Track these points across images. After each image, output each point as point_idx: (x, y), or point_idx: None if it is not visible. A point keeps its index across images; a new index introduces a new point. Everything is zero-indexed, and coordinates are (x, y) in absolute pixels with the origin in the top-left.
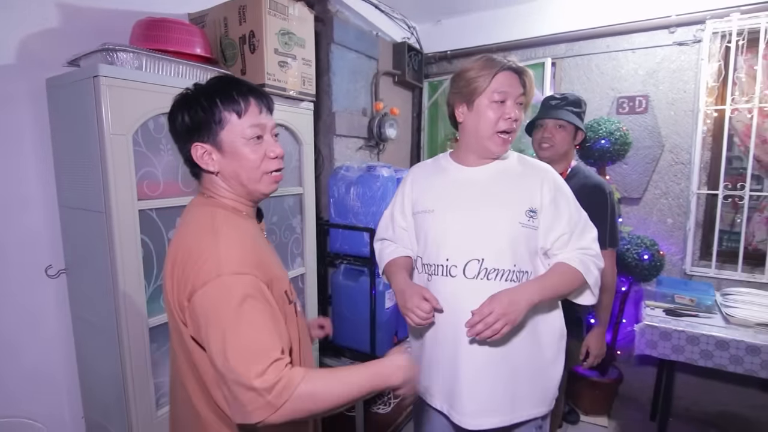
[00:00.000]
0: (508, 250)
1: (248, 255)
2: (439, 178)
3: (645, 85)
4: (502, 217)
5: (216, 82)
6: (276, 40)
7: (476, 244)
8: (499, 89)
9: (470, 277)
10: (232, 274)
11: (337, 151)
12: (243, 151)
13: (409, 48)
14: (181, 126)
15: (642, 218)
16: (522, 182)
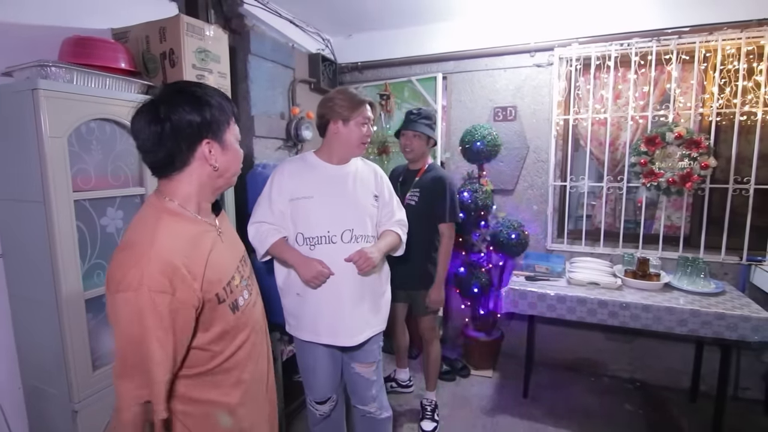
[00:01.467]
0: (368, 222)
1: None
2: (313, 173)
3: (514, 97)
4: (361, 200)
5: (217, 91)
6: (194, 56)
7: (348, 219)
8: (365, 116)
9: (346, 242)
10: (150, 291)
11: (257, 151)
12: (237, 149)
13: (324, 58)
14: (191, 124)
15: (515, 206)
16: (367, 176)
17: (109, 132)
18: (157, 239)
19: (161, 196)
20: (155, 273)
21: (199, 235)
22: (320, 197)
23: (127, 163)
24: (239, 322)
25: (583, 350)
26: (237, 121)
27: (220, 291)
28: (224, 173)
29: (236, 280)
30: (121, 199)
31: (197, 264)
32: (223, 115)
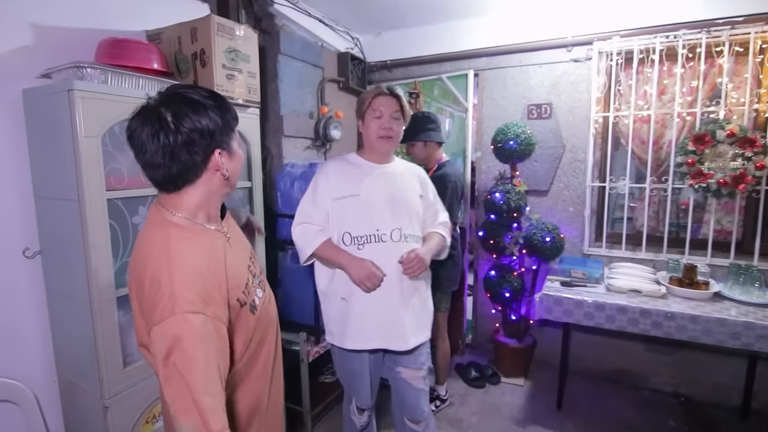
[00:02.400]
0: (415, 221)
1: (199, 284)
2: (357, 171)
3: (549, 94)
4: (409, 198)
5: (215, 95)
6: (224, 56)
7: (396, 217)
8: (376, 107)
9: (395, 241)
10: (183, 313)
11: (286, 150)
12: (240, 154)
13: (353, 57)
14: (202, 132)
15: (549, 207)
16: (411, 176)
17: None
18: (174, 261)
19: (163, 210)
20: (184, 294)
21: (211, 245)
22: (367, 194)
23: None
24: (258, 322)
25: (622, 360)
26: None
27: (240, 295)
28: (231, 179)
29: (249, 279)
30: (152, 198)
31: (218, 274)
32: (229, 125)
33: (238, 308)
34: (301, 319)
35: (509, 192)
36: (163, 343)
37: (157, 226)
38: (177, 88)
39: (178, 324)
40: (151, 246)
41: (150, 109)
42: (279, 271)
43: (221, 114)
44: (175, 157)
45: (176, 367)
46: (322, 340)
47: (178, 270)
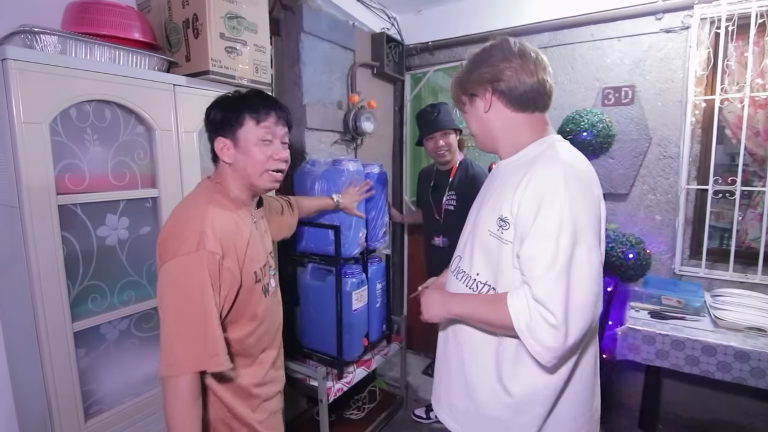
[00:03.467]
0: (476, 256)
1: (223, 235)
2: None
3: (631, 74)
4: (480, 220)
5: (251, 93)
6: (222, 24)
7: (462, 243)
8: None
9: (452, 271)
10: (208, 252)
11: (309, 145)
12: (253, 150)
13: (389, 39)
14: (212, 121)
15: (629, 215)
16: (507, 182)
17: (110, 118)
18: (210, 212)
19: (214, 180)
20: (211, 237)
21: (241, 219)
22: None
23: (135, 158)
24: (267, 304)
25: (722, 410)
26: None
27: (257, 270)
28: (242, 171)
29: (267, 266)
30: (127, 204)
31: (241, 240)
32: (234, 114)
33: (252, 282)
34: (322, 347)
35: None
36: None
37: (206, 189)
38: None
39: (201, 259)
40: (194, 198)
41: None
42: (297, 288)
43: (234, 107)
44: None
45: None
46: (345, 375)
47: (211, 219)
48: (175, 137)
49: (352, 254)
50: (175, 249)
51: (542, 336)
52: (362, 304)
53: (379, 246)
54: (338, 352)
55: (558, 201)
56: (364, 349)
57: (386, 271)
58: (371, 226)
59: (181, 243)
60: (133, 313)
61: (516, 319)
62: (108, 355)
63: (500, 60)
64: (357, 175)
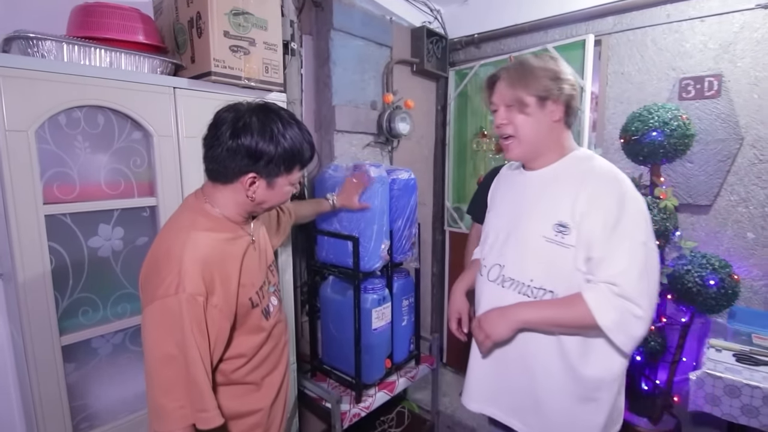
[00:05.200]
0: (528, 262)
1: (208, 267)
2: (510, 180)
3: (717, 61)
4: (530, 227)
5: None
6: (226, 21)
7: (502, 250)
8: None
9: (491, 281)
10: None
11: (339, 149)
12: (285, 191)
13: (430, 33)
14: (249, 149)
15: (712, 231)
16: (560, 189)
17: (103, 124)
18: (192, 242)
19: (202, 198)
20: (192, 276)
21: (233, 240)
22: (494, 212)
23: (131, 165)
24: (270, 328)
25: None
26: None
27: (253, 295)
28: (260, 204)
29: (266, 285)
30: (121, 213)
31: (232, 267)
32: (284, 164)
33: (249, 307)
34: (342, 365)
35: (650, 208)
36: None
37: (189, 210)
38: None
39: (182, 303)
40: (176, 222)
41: (241, 108)
42: (318, 300)
43: (279, 153)
44: (219, 155)
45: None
46: (364, 399)
47: (194, 251)
48: (175, 143)
49: (373, 268)
50: (154, 291)
51: (632, 328)
52: (384, 322)
53: (405, 259)
54: (356, 373)
55: (632, 204)
56: (387, 371)
57: (415, 286)
58: (396, 237)
59: (159, 284)
60: (128, 327)
61: (601, 317)
62: (100, 370)
63: (571, 75)
64: (380, 182)
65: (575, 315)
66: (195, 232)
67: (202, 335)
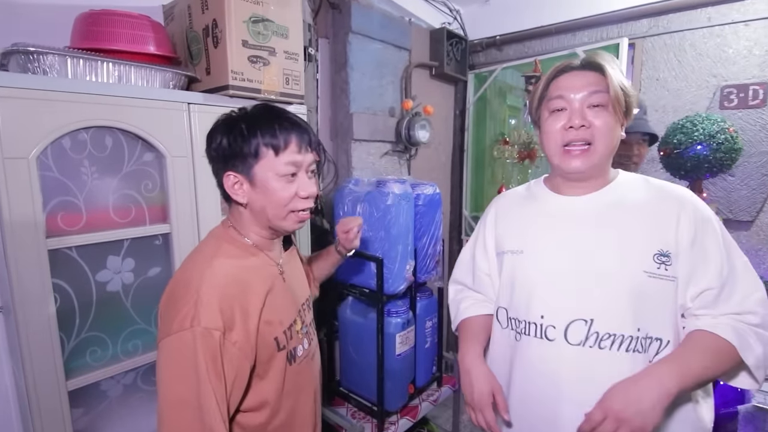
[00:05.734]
0: (628, 308)
1: (227, 300)
2: (529, 210)
3: (763, 69)
4: (619, 262)
5: (260, 112)
6: (245, 29)
7: (583, 299)
8: (555, 95)
9: (575, 344)
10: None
11: (356, 159)
12: (273, 187)
13: (450, 35)
14: (217, 150)
15: (754, 249)
16: (649, 215)
17: (111, 146)
18: (212, 272)
19: (228, 223)
20: (209, 308)
21: (258, 270)
22: (533, 252)
23: (142, 190)
24: (295, 376)
25: None
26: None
27: (279, 335)
28: (260, 213)
29: (298, 325)
30: (132, 243)
31: (255, 299)
32: (250, 147)
33: (274, 349)
34: (362, 390)
35: None
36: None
37: (214, 237)
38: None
39: (197, 338)
40: (200, 251)
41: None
42: (337, 322)
43: (243, 132)
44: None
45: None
46: (386, 426)
47: (212, 282)
48: (189, 164)
49: (397, 291)
50: (169, 325)
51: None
52: (408, 347)
53: (429, 278)
54: (379, 401)
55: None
56: (410, 397)
57: (438, 306)
58: (420, 256)
59: (174, 316)
60: (141, 366)
61: (748, 355)
62: (111, 413)
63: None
64: (404, 199)
65: (720, 358)
66: (217, 260)
67: (218, 377)
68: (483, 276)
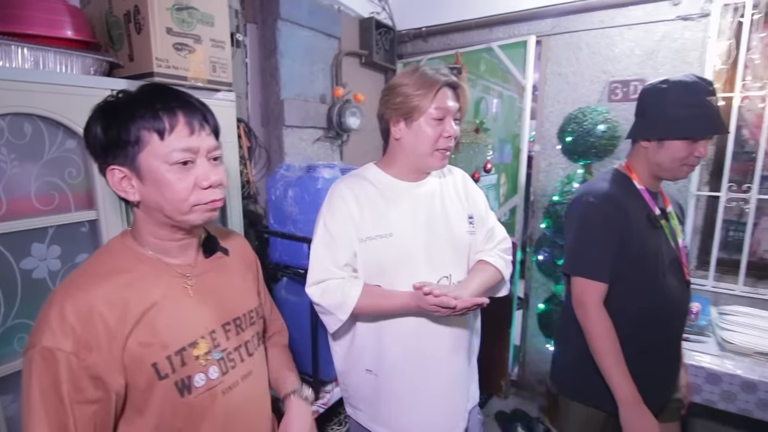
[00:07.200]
0: (465, 259)
1: (89, 317)
2: (384, 196)
3: (642, 67)
4: (455, 229)
5: (142, 91)
6: (169, 17)
7: (444, 261)
8: (441, 105)
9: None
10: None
11: (288, 144)
12: (167, 179)
13: (379, 24)
14: (94, 142)
15: None
16: (454, 189)
17: (30, 134)
18: (77, 282)
19: (127, 230)
20: (58, 326)
21: (142, 282)
22: (402, 233)
23: (66, 177)
24: (193, 411)
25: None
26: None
27: (160, 360)
28: (156, 208)
29: (201, 348)
30: (57, 230)
31: (125, 319)
32: (122, 128)
33: (152, 378)
34: (300, 365)
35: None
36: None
37: (102, 248)
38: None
39: (33, 360)
40: (80, 267)
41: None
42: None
43: (120, 117)
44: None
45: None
46: (322, 395)
47: (75, 294)
48: None
49: None
50: (26, 341)
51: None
52: None
53: None
54: (314, 372)
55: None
56: None
57: None
58: None
59: (30, 333)
60: None
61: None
62: None
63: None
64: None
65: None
66: (88, 270)
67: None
68: (350, 254)
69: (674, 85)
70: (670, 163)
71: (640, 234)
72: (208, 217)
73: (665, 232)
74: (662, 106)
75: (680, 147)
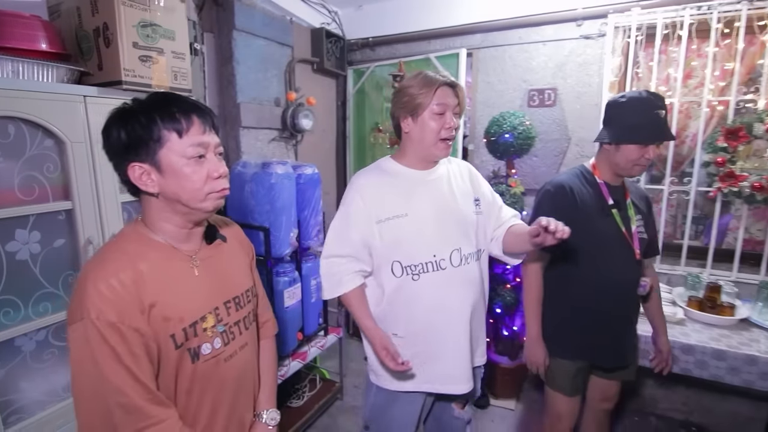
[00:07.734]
0: (473, 235)
1: (118, 295)
2: (398, 183)
3: (554, 77)
4: (462, 209)
5: (156, 98)
6: (135, 32)
7: (453, 236)
8: (441, 101)
9: (456, 266)
10: (95, 320)
11: (245, 144)
12: (184, 172)
13: (329, 34)
14: (116, 143)
15: None
16: (462, 177)
17: (13, 134)
18: (103, 263)
19: (137, 219)
20: (98, 300)
21: (157, 265)
22: (416, 213)
23: (45, 172)
24: (201, 375)
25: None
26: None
27: (177, 332)
28: (174, 200)
29: (208, 322)
30: (37, 218)
31: (147, 293)
32: (145, 128)
33: (170, 347)
34: None
35: (504, 194)
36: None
37: (124, 230)
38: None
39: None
40: (99, 251)
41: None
42: None
43: (142, 120)
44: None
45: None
46: (280, 369)
47: (103, 272)
48: (87, 148)
49: (283, 254)
50: (69, 314)
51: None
52: (295, 300)
53: (313, 244)
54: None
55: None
56: (299, 343)
57: None
58: (304, 226)
59: (71, 307)
60: (51, 324)
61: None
62: (25, 366)
63: None
64: (286, 178)
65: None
66: (110, 253)
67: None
68: (359, 242)
69: (630, 99)
70: (624, 163)
71: (588, 217)
72: (218, 204)
73: (616, 218)
74: (620, 116)
75: (633, 150)
